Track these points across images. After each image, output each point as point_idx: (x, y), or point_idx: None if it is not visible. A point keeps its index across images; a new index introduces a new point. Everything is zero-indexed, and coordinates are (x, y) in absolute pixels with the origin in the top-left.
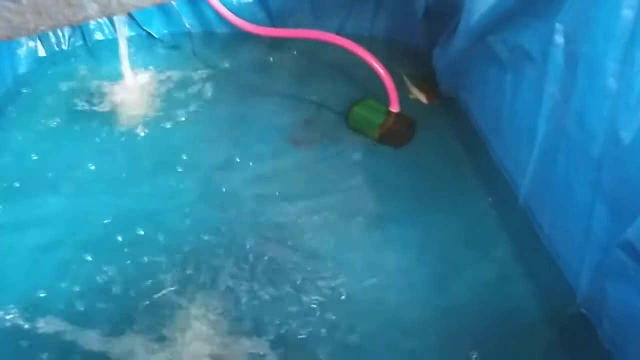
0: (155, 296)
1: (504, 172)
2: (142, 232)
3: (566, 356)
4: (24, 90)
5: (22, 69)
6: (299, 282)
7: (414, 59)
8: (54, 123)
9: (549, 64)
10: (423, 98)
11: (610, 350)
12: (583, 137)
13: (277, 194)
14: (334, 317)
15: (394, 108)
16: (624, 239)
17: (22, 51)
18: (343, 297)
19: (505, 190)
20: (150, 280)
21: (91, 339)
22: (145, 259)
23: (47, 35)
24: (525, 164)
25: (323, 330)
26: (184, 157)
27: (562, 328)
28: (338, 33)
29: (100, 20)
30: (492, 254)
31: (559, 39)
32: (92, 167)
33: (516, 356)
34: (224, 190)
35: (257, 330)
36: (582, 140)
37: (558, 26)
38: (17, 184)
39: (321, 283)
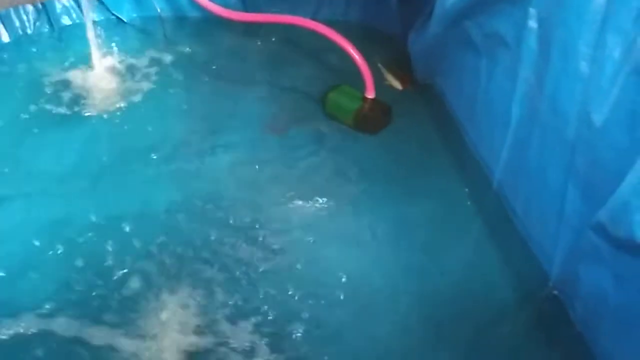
0: (129, 286)
1: (479, 158)
2: (112, 222)
3: (539, 337)
4: None
5: None
6: (269, 270)
7: (388, 44)
8: (19, 111)
9: (523, 48)
10: (398, 84)
11: (582, 332)
12: (556, 121)
13: (252, 181)
14: (306, 306)
15: (370, 94)
16: (595, 220)
17: None
18: (315, 285)
19: (479, 175)
20: (123, 271)
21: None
22: (116, 249)
23: (10, 18)
24: (500, 149)
25: (298, 320)
26: (155, 145)
27: (535, 310)
28: (313, 18)
29: (67, 4)
30: (466, 239)
31: (533, 24)
32: (59, 156)
33: (490, 338)
34: (197, 178)
35: (236, 317)
36: (555, 124)
37: (532, 11)
38: None
39: (291, 270)
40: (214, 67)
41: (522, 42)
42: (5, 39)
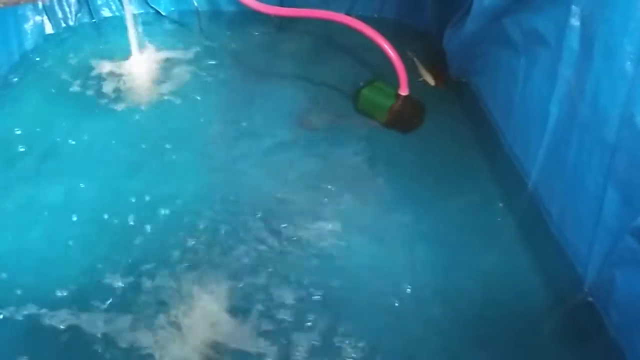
0: (159, 274)
1: (514, 158)
2: (139, 214)
3: (572, 344)
4: (31, 67)
5: (29, 44)
6: (301, 265)
7: (423, 41)
8: (61, 99)
9: (564, 47)
10: (431, 80)
11: (617, 339)
12: (597, 122)
13: (284, 175)
14: (335, 303)
15: (403, 91)
16: (635, 225)
17: (28, 26)
18: (346, 281)
19: (514, 176)
20: (155, 259)
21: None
22: (149, 238)
23: (54, 10)
24: (536, 150)
25: (324, 313)
26: (191, 136)
27: (568, 316)
28: (347, 14)
29: None
30: (499, 241)
31: (575, 22)
32: (97, 145)
33: (522, 343)
34: (227, 170)
35: (263, 311)
36: (595, 125)
37: (574, 9)
38: (23, 159)
39: (324, 265)
40: (248, 61)
41: (563, 41)
42: (49, 30)
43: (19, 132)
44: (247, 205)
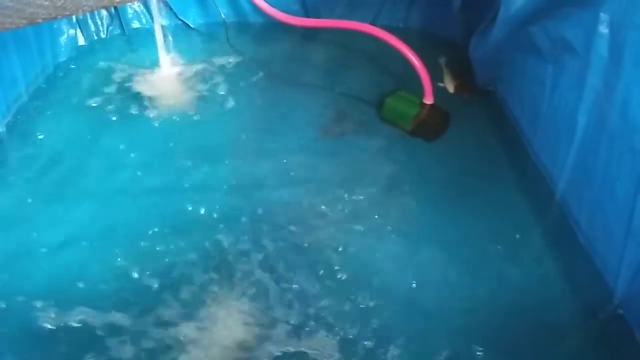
0: (188, 279)
1: (541, 167)
2: (171, 218)
3: (601, 357)
4: (65, 77)
5: (63, 56)
6: (328, 273)
7: (448, 50)
8: (93, 110)
9: (592, 54)
10: (451, 88)
11: None
12: (627, 129)
13: (308, 184)
14: (364, 307)
15: (428, 100)
16: None
17: (62, 39)
18: (373, 287)
19: (541, 185)
20: (181, 268)
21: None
22: (175, 246)
23: (87, 23)
24: (564, 158)
25: (353, 317)
26: (217, 146)
27: (598, 329)
28: (372, 24)
29: (137, 9)
30: (526, 251)
31: (604, 29)
32: (129, 153)
33: (548, 356)
34: (253, 176)
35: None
36: (625, 133)
37: (603, 16)
38: (54, 167)
39: (349, 272)
40: (274, 71)
41: (591, 48)
42: (81, 42)
43: (53, 140)
44: (269, 211)
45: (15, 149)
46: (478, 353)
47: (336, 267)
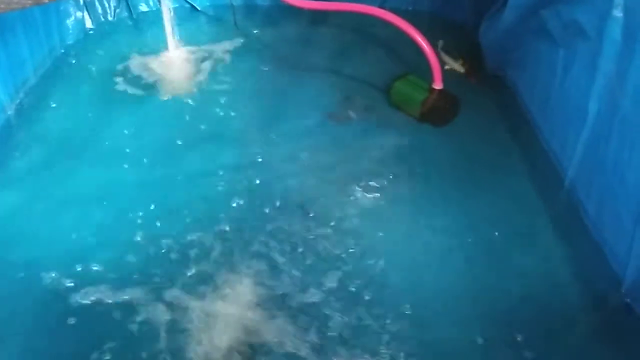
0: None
1: (550, 154)
2: (179, 199)
3: (607, 346)
4: (73, 60)
5: (71, 39)
6: (331, 259)
7: (458, 34)
8: (100, 92)
9: (605, 39)
10: (459, 67)
11: None
12: (639, 116)
13: (313, 169)
14: (369, 296)
15: (437, 85)
16: None
17: (70, 22)
18: (377, 276)
19: (550, 172)
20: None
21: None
22: (184, 223)
23: (94, 6)
24: (574, 146)
25: (359, 305)
26: (223, 129)
27: (605, 318)
28: (381, 7)
29: None
30: (535, 238)
31: (618, 13)
32: (134, 136)
33: (556, 342)
34: (259, 161)
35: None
36: (637, 119)
37: None
38: (61, 149)
39: (357, 256)
40: (281, 54)
41: (604, 33)
42: (89, 25)
43: (61, 121)
44: (274, 195)
45: (24, 130)
46: (486, 339)
47: (348, 251)
